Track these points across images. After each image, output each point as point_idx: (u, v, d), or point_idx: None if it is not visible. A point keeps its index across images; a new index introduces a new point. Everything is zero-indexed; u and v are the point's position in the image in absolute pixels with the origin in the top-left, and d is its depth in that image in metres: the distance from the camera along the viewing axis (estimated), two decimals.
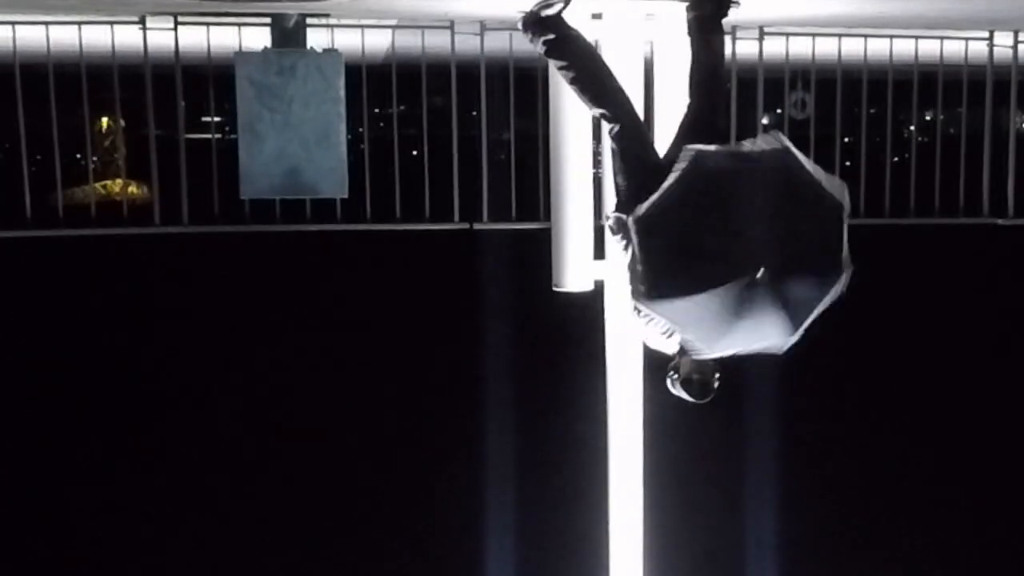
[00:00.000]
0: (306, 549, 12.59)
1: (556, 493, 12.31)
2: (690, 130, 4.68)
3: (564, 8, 4.70)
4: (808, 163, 4.25)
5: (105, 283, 13.90)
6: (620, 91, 4.75)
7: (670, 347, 4.66)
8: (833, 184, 4.27)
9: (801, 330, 4.22)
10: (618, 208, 4.67)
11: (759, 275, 4.00)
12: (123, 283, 13.97)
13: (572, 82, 4.78)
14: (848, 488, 13.14)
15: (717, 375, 4.70)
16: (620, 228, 4.52)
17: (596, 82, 4.75)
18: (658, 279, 4.11)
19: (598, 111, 4.76)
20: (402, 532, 12.56)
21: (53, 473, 12.98)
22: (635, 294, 4.21)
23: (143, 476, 12.86)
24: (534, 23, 4.72)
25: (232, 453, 13.08)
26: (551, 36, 4.71)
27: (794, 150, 4.23)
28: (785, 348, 4.27)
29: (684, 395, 4.76)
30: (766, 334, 4.19)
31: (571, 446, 11.23)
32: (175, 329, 14.16)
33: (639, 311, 4.35)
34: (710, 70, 4.75)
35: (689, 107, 4.76)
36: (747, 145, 4.31)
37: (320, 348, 14.12)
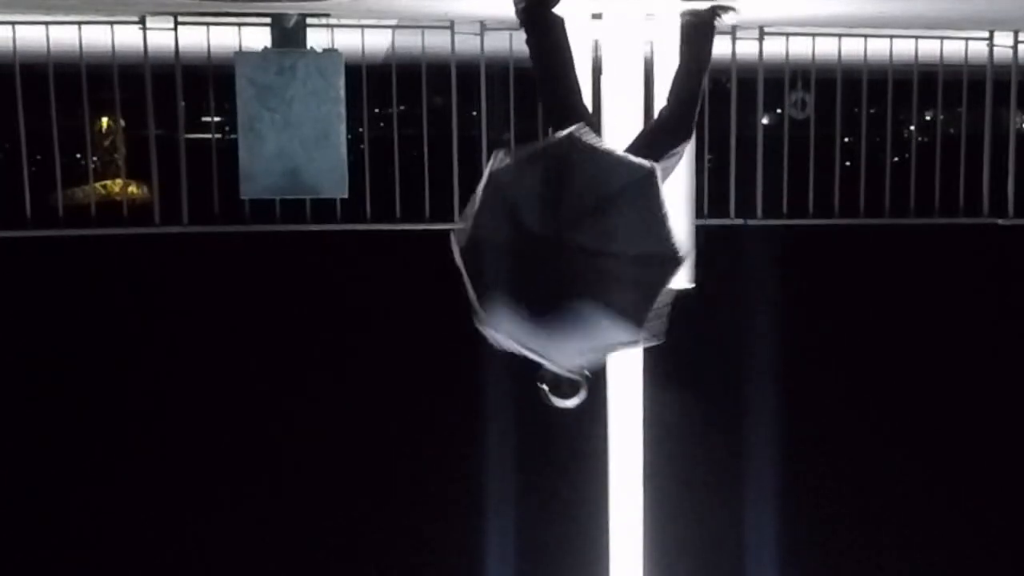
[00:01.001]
0: (306, 549, 12.58)
1: (556, 494, 12.31)
2: (660, 127, 4.72)
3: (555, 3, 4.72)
4: (604, 145, 4.22)
5: (105, 283, 13.91)
6: (570, 94, 4.74)
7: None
8: (640, 164, 4.17)
9: (649, 322, 4.09)
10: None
11: (543, 252, 3.99)
12: (123, 283, 13.98)
13: (533, 55, 4.80)
14: (848, 489, 13.14)
15: (584, 375, 4.59)
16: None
17: (552, 82, 4.75)
18: (478, 297, 4.16)
19: (544, 101, 4.84)
20: (402, 532, 12.56)
21: (53, 473, 12.99)
22: (476, 320, 4.23)
23: (143, 476, 12.86)
24: (526, 11, 4.74)
25: (232, 453, 13.08)
26: (532, 26, 4.74)
27: (584, 135, 4.18)
28: (638, 343, 4.16)
29: (558, 402, 4.66)
30: (602, 331, 4.10)
31: (571, 446, 11.22)
32: (175, 329, 14.16)
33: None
34: (693, 74, 4.78)
35: (667, 103, 4.79)
36: (538, 144, 4.32)
37: (320, 348, 14.12)
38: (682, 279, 4.18)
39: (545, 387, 4.63)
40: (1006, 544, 12.31)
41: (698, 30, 4.83)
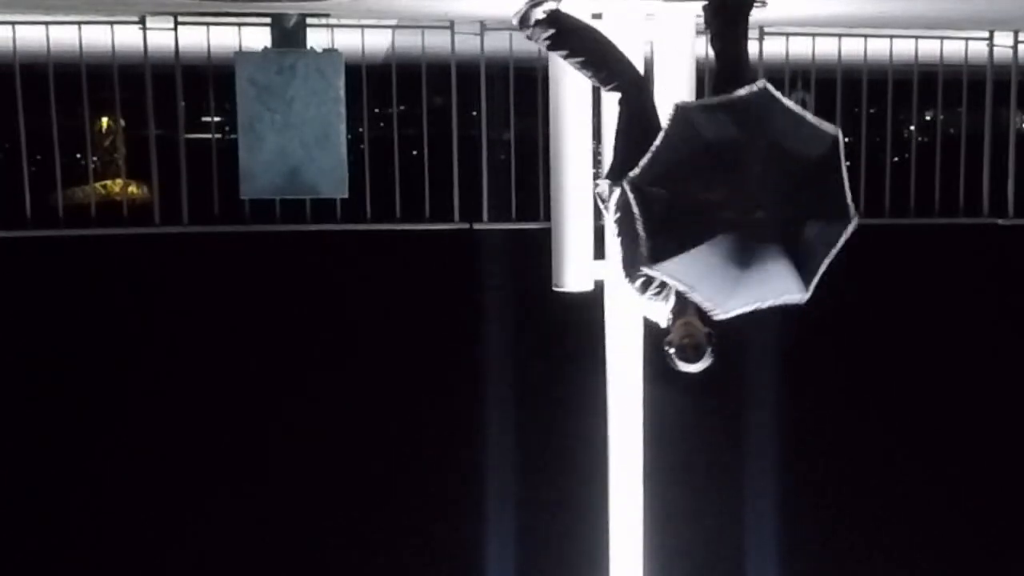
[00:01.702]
0: (305, 549, 12.58)
1: (556, 493, 12.30)
2: (721, 82, 4.66)
3: (558, 4, 4.72)
4: (796, 106, 4.22)
5: (105, 283, 13.89)
6: (623, 62, 4.78)
7: (664, 315, 4.64)
8: (825, 125, 4.22)
9: (815, 281, 4.15)
10: (610, 175, 4.67)
11: (757, 217, 3.98)
12: (123, 283, 13.96)
13: (579, 68, 4.83)
14: (849, 488, 13.14)
15: (710, 337, 4.62)
16: (610, 194, 4.56)
17: (600, 64, 4.77)
18: (659, 238, 4.06)
19: (606, 88, 4.82)
20: (402, 532, 12.56)
21: (53, 473, 12.98)
22: (639, 261, 4.15)
23: (143, 476, 12.86)
24: (533, 23, 4.73)
25: (232, 452, 13.07)
26: (551, 32, 4.73)
27: (777, 93, 4.17)
28: (803, 299, 4.17)
29: (683, 365, 4.67)
30: (776, 286, 4.12)
31: (571, 446, 11.22)
32: (175, 329, 14.15)
33: (638, 282, 4.38)
34: (733, 58, 4.72)
35: (716, 64, 4.74)
36: (730, 96, 4.24)
37: (320, 348, 14.12)
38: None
39: (672, 351, 4.63)
40: (1006, 544, 12.31)
41: (728, 19, 4.76)
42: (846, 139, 10.04)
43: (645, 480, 5.91)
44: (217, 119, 9.67)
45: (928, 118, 11.00)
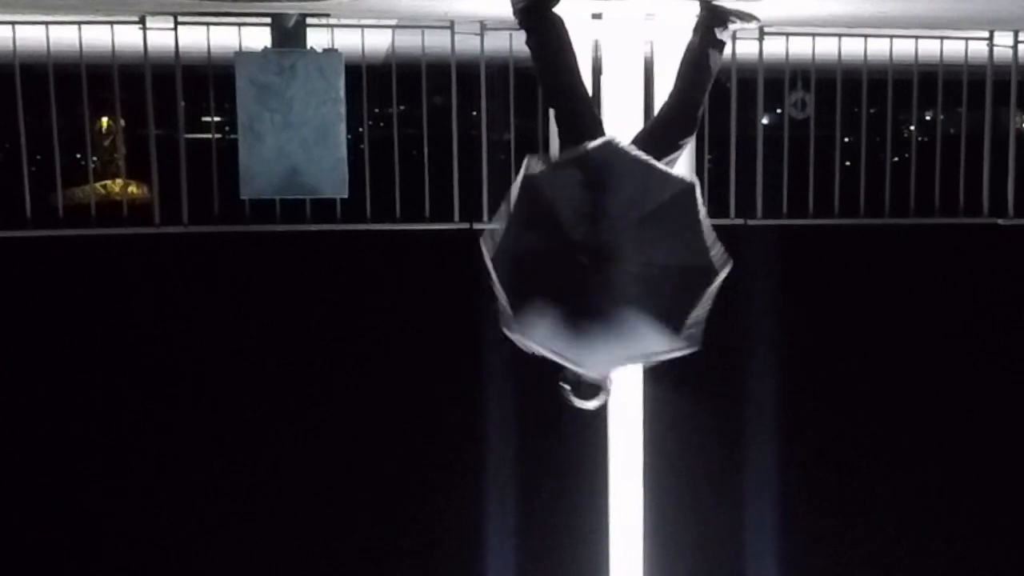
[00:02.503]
0: (305, 549, 12.59)
1: (556, 493, 12.31)
2: (663, 121, 4.70)
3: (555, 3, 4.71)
4: (645, 156, 4.20)
5: (105, 283, 13.90)
6: (573, 88, 4.73)
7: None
8: (679, 174, 4.22)
9: (687, 330, 4.09)
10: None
11: (609, 271, 3.97)
12: (123, 283, 13.97)
13: (535, 60, 4.79)
14: (848, 488, 13.15)
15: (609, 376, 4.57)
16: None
17: (554, 72, 4.74)
18: (511, 303, 4.10)
19: (547, 101, 4.83)
20: (402, 532, 12.56)
21: (53, 473, 12.99)
22: (505, 328, 4.19)
23: (143, 476, 12.87)
24: (525, 12, 4.73)
25: (231, 452, 13.08)
26: (532, 27, 4.73)
27: (622, 145, 4.18)
28: (676, 351, 4.11)
29: (579, 403, 4.63)
30: (641, 339, 4.08)
31: (571, 446, 11.23)
32: (175, 329, 14.16)
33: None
34: (701, 67, 4.73)
35: (670, 96, 4.75)
36: (576, 151, 4.25)
37: (320, 348, 14.13)
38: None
39: (567, 387, 4.60)
40: (1007, 544, 12.31)
41: (710, 31, 4.77)
42: (846, 139, 10.07)
43: (645, 480, 5.91)
44: (217, 119, 9.66)
45: (928, 118, 10.99)
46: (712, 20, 4.73)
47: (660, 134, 4.55)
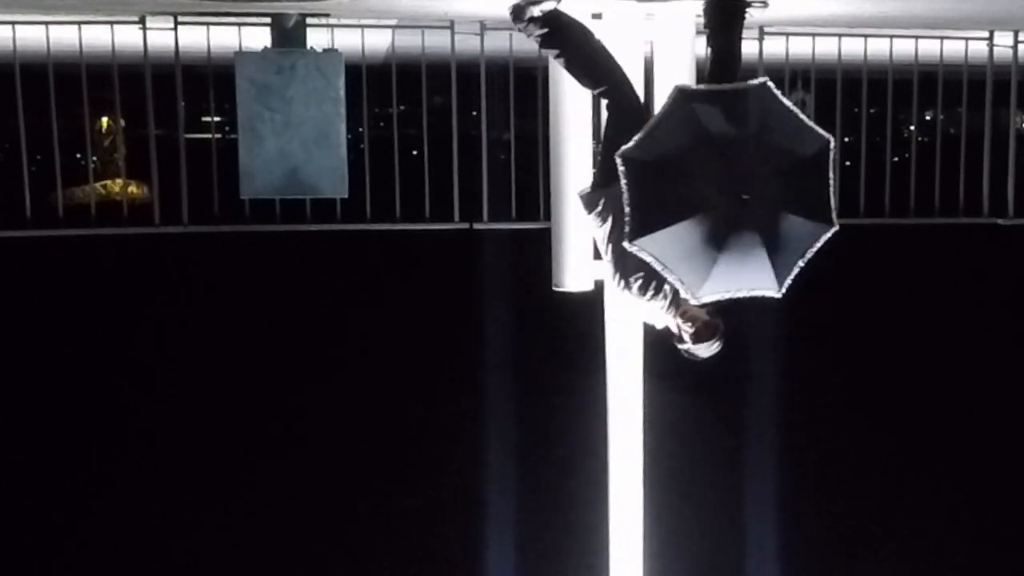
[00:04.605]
0: (305, 550, 12.58)
1: (556, 493, 12.30)
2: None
3: (557, 4, 4.71)
4: (794, 107, 4.27)
5: (105, 283, 13.90)
6: (613, 69, 4.78)
7: (664, 317, 4.65)
8: (820, 130, 4.28)
9: (790, 277, 4.21)
10: (597, 181, 4.69)
11: (739, 203, 4.02)
12: (123, 283, 13.97)
13: (567, 69, 4.84)
14: (848, 489, 13.14)
15: (715, 315, 4.63)
16: (593, 202, 4.59)
17: (589, 68, 4.79)
18: (642, 212, 4.09)
19: (594, 92, 4.86)
20: (401, 532, 12.56)
21: (52, 473, 12.98)
22: (623, 239, 4.17)
23: (143, 476, 12.86)
24: (527, 18, 4.72)
25: (231, 453, 13.07)
26: (544, 30, 4.72)
27: (777, 92, 4.24)
28: (778, 293, 4.22)
29: (703, 348, 4.68)
30: (751, 275, 4.16)
31: (571, 447, 11.23)
32: (175, 329, 14.16)
33: (635, 285, 4.42)
34: (727, 52, 4.76)
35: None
36: (731, 85, 4.36)
37: (320, 348, 14.12)
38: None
39: (686, 342, 4.66)
40: (1006, 545, 12.31)
41: (726, 16, 4.78)
42: (846, 139, 10.06)
43: (645, 480, 5.91)
44: (217, 119, 9.67)
45: (928, 118, 11.00)
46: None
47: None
